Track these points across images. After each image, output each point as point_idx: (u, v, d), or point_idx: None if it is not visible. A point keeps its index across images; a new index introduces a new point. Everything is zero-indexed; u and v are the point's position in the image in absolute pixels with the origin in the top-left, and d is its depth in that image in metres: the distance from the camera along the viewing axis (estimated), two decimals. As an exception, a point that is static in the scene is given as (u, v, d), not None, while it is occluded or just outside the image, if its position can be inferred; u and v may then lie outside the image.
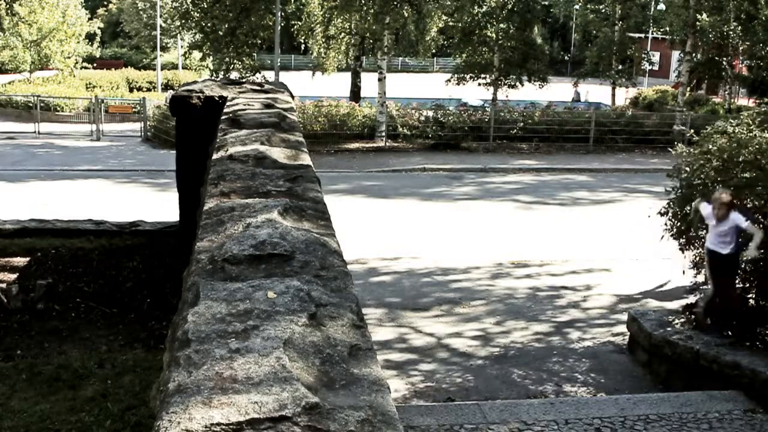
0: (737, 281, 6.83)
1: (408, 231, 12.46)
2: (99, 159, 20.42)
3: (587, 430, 5.51)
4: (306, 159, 4.59)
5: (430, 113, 23.42)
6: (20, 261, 8.18)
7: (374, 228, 12.51)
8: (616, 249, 11.55)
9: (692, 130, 9.16)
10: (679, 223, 7.52)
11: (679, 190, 7.40)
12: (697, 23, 25.28)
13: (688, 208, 7.29)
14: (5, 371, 5.94)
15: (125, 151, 22.36)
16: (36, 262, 8.16)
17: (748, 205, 6.84)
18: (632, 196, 16.20)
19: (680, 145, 7.90)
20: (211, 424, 1.66)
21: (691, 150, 7.53)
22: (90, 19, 38.92)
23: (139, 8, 46.13)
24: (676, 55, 34.57)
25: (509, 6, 26.07)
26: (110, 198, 14.90)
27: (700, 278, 7.46)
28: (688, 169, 7.40)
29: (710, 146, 7.29)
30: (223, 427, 1.66)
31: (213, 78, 12.54)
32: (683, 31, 26.49)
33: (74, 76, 33.27)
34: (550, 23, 55.45)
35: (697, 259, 7.48)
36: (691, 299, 7.53)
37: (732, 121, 7.69)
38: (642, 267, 10.50)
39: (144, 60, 46.69)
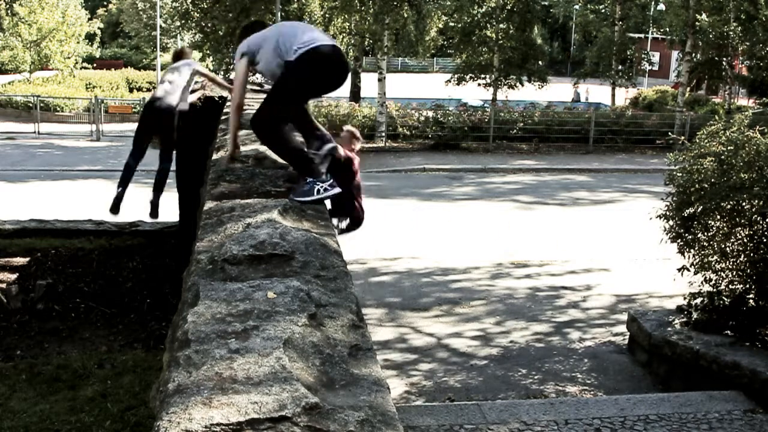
0: None
1: (408, 231, 12.44)
2: (99, 159, 20.40)
3: (587, 430, 5.51)
4: (306, 159, 4.58)
5: (430, 113, 23.41)
6: (20, 261, 8.18)
7: (374, 228, 12.49)
8: (616, 249, 11.54)
9: (683, 138, 9.18)
10: (677, 227, 7.52)
11: (674, 197, 7.41)
12: (697, 23, 25.27)
13: (686, 212, 7.29)
14: (5, 371, 5.94)
15: (125, 151, 22.29)
16: (36, 262, 8.16)
17: (746, 206, 6.83)
18: (632, 197, 16.20)
19: (671, 154, 7.89)
20: (211, 425, 1.65)
21: (684, 157, 7.53)
22: (90, 19, 38.94)
23: (139, 8, 46.05)
24: (675, 55, 34.56)
25: (509, 6, 26.09)
26: (110, 198, 14.84)
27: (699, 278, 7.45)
28: (680, 174, 7.40)
29: (703, 150, 7.28)
30: (223, 427, 1.65)
31: (213, 78, 12.54)
32: (683, 31, 26.49)
33: (74, 77, 33.29)
34: (550, 23, 55.45)
35: (697, 260, 7.47)
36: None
37: (723, 124, 7.68)
38: (642, 267, 10.50)
39: (144, 60, 46.65)
